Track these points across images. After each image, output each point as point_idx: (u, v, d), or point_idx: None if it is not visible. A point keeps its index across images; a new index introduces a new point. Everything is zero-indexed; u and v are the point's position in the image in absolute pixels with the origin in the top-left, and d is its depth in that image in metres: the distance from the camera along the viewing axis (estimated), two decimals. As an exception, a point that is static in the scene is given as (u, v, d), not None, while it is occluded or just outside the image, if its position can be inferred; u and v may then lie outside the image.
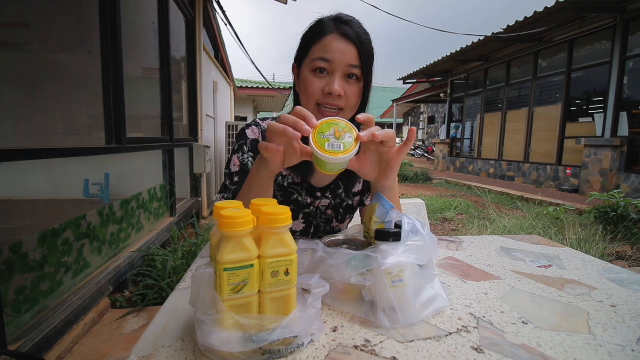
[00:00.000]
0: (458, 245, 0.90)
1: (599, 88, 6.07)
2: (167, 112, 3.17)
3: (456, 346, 0.45)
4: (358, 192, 0.94)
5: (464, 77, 9.77)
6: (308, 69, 0.74)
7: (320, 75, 0.73)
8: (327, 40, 0.72)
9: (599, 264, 0.78)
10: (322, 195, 0.89)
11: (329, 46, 0.72)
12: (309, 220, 0.91)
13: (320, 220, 0.92)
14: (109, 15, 2.03)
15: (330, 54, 0.71)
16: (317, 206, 0.90)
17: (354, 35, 0.72)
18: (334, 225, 0.93)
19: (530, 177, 7.30)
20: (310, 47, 0.74)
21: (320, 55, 0.72)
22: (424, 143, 17.36)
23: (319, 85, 0.73)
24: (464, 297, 0.60)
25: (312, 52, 0.74)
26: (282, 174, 0.87)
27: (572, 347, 0.46)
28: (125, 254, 2.17)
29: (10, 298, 1.30)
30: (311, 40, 0.74)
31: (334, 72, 0.72)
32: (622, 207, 3.29)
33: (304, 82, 0.75)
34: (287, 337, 0.42)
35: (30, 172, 1.63)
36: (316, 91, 0.73)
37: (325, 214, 0.91)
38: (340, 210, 0.92)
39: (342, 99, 0.73)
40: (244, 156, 0.84)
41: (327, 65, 0.72)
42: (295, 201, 0.87)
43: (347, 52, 0.71)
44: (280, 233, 0.44)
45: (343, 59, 0.71)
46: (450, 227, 3.91)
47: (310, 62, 0.74)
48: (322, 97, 0.73)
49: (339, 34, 0.72)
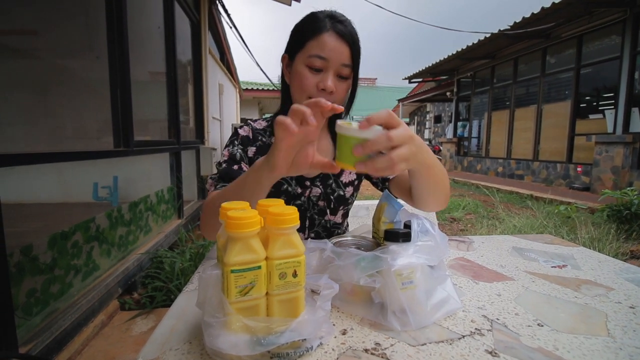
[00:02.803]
0: (468, 245, 0.88)
1: (609, 84, 5.95)
2: (174, 115, 3.19)
3: (470, 349, 0.44)
4: (349, 182, 0.93)
5: (470, 75, 9.68)
6: (303, 63, 0.76)
7: (314, 72, 0.76)
8: (323, 37, 0.75)
9: (616, 263, 0.75)
10: (311, 184, 0.89)
11: (326, 44, 0.74)
12: (302, 212, 0.90)
13: (314, 211, 0.91)
14: (116, 20, 2.06)
15: (327, 52, 0.74)
16: (307, 196, 0.90)
17: (348, 35, 0.75)
18: (328, 218, 0.92)
19: (540, 176, 7.19)
20: (305, 41, 0.77)
21: (316, 53, 0.74)
22: (430, 142, 17.23)
23: (313, 81, 0.76)
24: (476, 299, 0.58)
25: (308, 48, 0.76)
26: None
27: (591, 351, 0.44)
28: (134, 256, 2.19)
29: (21, 300, 1.31)
30: (307, 36, 0.77)
31: (327, 70, 0.75)
32: (636, 205, 3.21)
33: (298, 76, 0.77)
34: (296, 340, 0.41)
35: (41, 176, 1.65)
36: (310, 86, 0.76)
37: (317, 205, 0.91)
38: (332, 199, 0.91)
39: (332, 95, 0.76)
40: (234, 148, 0.87)
41: (322, 63, 0.75)
42: (286, 191, 0.88)
43: (341, 52, 0.75)
44: (287, 234, 0.43)
45: (338, 58, 0.75)
46: (458, 227, 3.86)
47: (305, 57, 0.76)
48: (315, 92, 0.76)
49: (335, 33, 0.75)
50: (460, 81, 10.33)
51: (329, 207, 0.92)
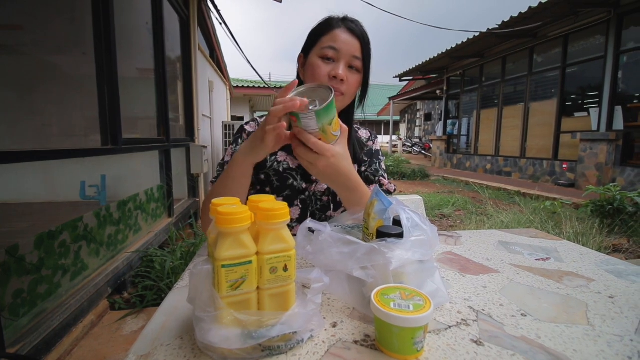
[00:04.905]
0: (456, 239, 0.90)
1: (594, 82, 6.09)
2: (163, 113, 3.15)
3: (456, 339, 0.46)
4: None
5: (460, 73, 9.78)
6: (316, 55, 0.83)
7: (327, 62, 0.82)
8: (335, 32, 0.82)
9: (597, 256, 0.78)
10: (316, 179, 0.90)
11: (337, 37, 0.81)
12: (305, 207, 0.92)
13: (316, 206, 0.93)
14: (103, 16, 2.02)
15: (338, 44, 0.81)
16: (312, 191, 0.92)
17: (359, 32, 0.83)
18: (329, 214, 0.94)
19: (527, 172, 7.33)
20: (319, 37, 0.83)
21: (329, 44, 0.81)
22: (420, 140, 17.38)
23: (325, 70, 0.81)
24: (462, 291, 0.60)
25: (321, 42, 0.83)
26: (278, 159, 0.91)
27: (571, 339, 0.46)
28: (124, 255, 2.16)
29: (8, 301, 1.29)
30: (320, 32, 0.83)
31: (339, 60, 0.81)
32: (618, 201, 3.30)
33: (312, 66, 0.83)
34: (287, 333, 0.42)
35: (27, 174, 1.62)
36: (322, 74, 0.81)
37: (321, 200, 0.93)
38: (337, 196, 0.92)
39: (344, 84, 0.81)
40: (237, 147, 0.89)
41: (333, 54, 0.81)
42: (291, 186, 0.90)
43: (352, 45, 0.81)
44: (278, 229, 0.43)
45: (348, 49, 0.81)
46: (448, 224, 3.92)
47: (319, 49, 0.82)
48: (327, 80, 0.81)
49: (346, 29, 0.82)
50: (450, 79, 10.44)
51: (333, 202, 0.94)
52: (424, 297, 0.45)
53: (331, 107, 0.64)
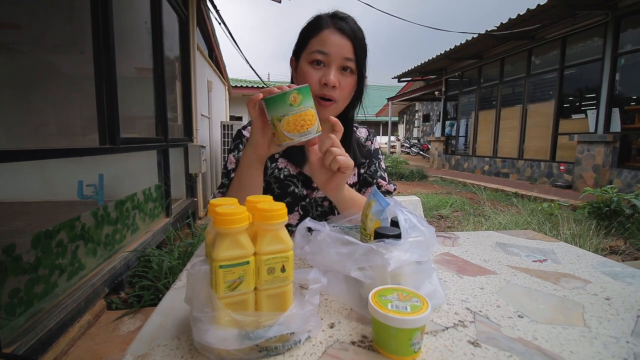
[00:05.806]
0: (454, 241, 0.90)
1: (591, 84, 6.11)
2: (161, 112, 3.14)
3: (453, 340, 0.46)
4: (352, 184, 0.94)
5: (458, 75, 9.81)
6: (306, 60, 0.79)
7: (317, 67, 0.77)
8: (324, 34, 0.77)
9: (593, 257, 0.78)
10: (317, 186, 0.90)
11: (326, 40, 0.76)
12: (306, 213, 0.92)
13: (316, 212, 0.93)
14: (101, 15, 2.01)
15: (327, 47, 0.76)
16: (313, 198, 0.91)
17: (349, 31, 0.77)
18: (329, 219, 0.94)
19: (525, 174, 7.35)
20: (308, 40, 0.79)
21: (317, 48, 0.76)
22: (419, 141, 17.39)
23: (316, 76, 0.77)
24: (460, 292, 0.60)
25: (310, 45, 0.78)
26: (279, 166, 0.90)
27: (568, 340, 0.46)
28: (121, 255, 2.16)
29: (4, 300, 1.28)
30: (309, 34, 0.79)
31: (330, 64, 0.77)
32: (615, 202, 3.31)
33: (302, 74, 0.79)
34: (284, 333, 0.42)
35: (24, 174, 1.61)
36: (313, 82, 0.77)
37: (322, 205, 0.93)
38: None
39: (336, 90, 0.78)
40: (239, 154, 0.88)
41: (323, 58, 0.77)
42: (292, 193, 0.89)
43: (342, 46, 0.76)
44: (275, 229, 0.43)
45: (339, 52, 0.76)
46: (445, 224, 3.93)
47: (308, 54, 0.78)
48: (318, 88, 0.77)
49: (335, 29, 0.77)
50: (448, 81, 10.46)
51: (334, 208, 0.93)
52: (422, 298, 0.45)
53: (279, 101, 0.60)
